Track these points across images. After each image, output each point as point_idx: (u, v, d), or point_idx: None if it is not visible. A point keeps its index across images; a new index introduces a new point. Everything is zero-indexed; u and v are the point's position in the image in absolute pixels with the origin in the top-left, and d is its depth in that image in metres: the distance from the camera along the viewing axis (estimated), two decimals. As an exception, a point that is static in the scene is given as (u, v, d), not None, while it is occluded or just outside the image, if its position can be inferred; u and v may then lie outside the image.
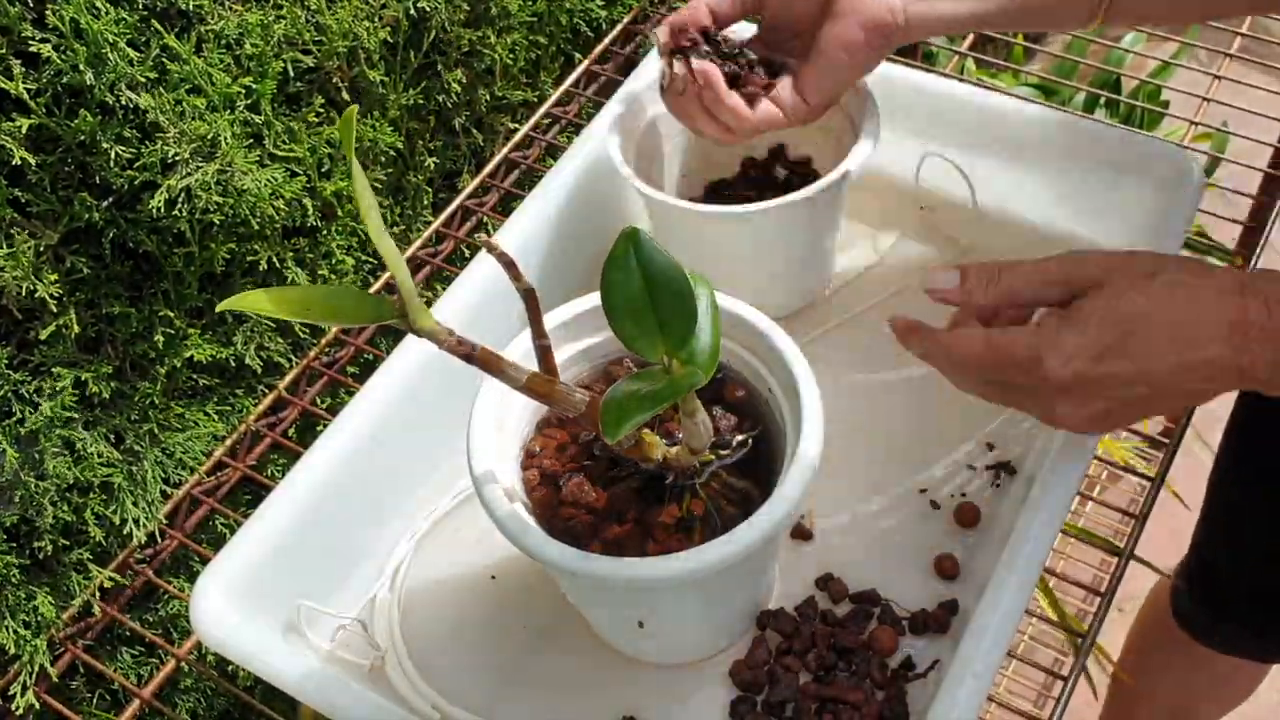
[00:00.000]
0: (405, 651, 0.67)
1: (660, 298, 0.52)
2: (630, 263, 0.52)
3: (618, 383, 0.51)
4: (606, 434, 0.48)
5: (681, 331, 0.52)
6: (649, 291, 0.52)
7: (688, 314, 0.52)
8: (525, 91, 1.02)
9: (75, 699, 0.77)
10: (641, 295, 0.52)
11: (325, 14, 0.79)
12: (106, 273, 0.72)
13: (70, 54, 0.64)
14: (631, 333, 0.52)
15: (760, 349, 0.63)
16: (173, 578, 0.81)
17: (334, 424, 0.70)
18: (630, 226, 0.52)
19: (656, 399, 0.50)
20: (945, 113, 0.82)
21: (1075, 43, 1.38)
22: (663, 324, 0.52)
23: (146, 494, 0.76)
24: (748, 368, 0.64)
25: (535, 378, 0.53)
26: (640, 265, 0.52)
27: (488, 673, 0.67)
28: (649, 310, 0.52)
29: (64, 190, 0.68)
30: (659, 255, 0.52)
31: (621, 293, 0.52)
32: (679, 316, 0.52)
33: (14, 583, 0.70)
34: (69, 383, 0.69)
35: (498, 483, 0.57)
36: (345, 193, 0.85)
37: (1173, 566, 0.98)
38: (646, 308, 0.52)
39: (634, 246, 0.52)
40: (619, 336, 0.52)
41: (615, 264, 0.52)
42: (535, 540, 0.55)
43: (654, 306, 0.52)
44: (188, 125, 0.70)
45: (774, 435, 0.62)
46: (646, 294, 0.52)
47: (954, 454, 0.72)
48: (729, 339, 0.63)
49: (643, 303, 0.52)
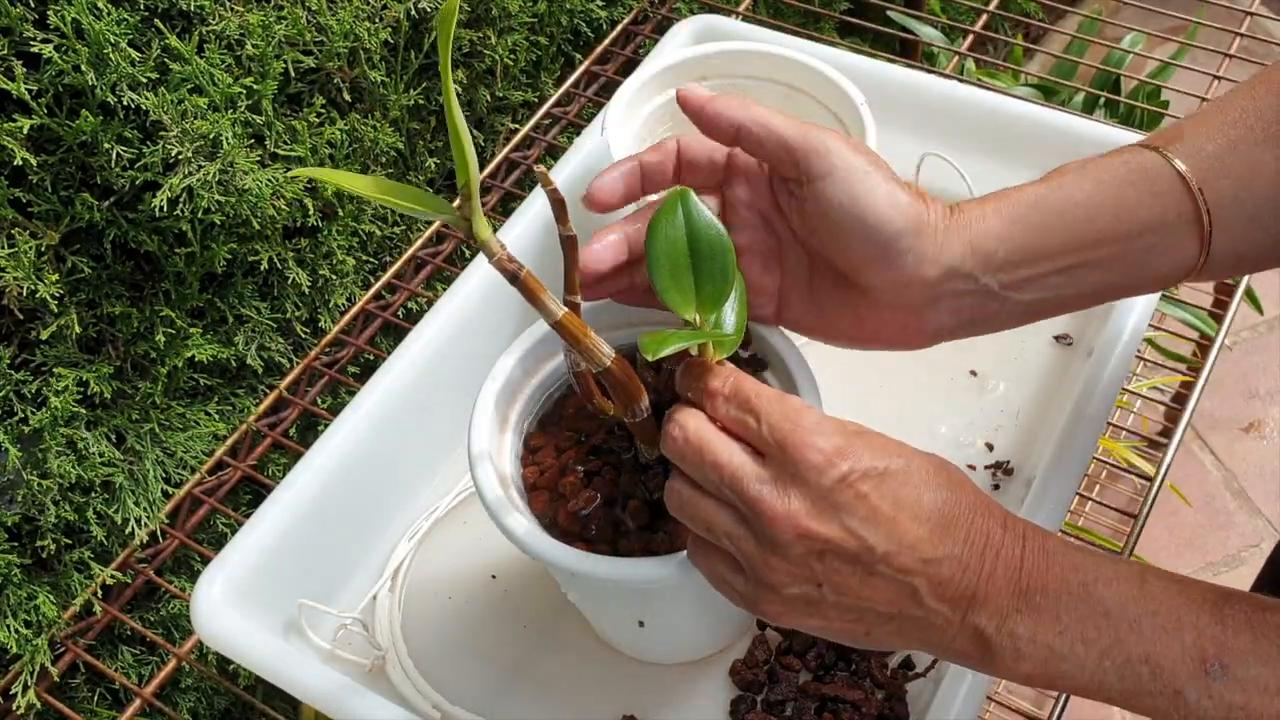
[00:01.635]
0: (405, 651, 0.67)
1: (700, 257, 0.52)
2: (678, 218, 0.52)
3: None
4: (646, 353, 0.48)
5: (716, 294, 0.52)
6: (691, 249, 0.52)
7: (725, 277, 0.52)
8: (526, 92, 1.02)
9: (76, 698, 0.77)
10: (684, 251, 0.52)
11: (326, 15, 0.80)
12: (108, 273, 0.72)
13: (72, 54, 0.64)
14: (667, 284, 0.52)
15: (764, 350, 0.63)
16: (174, 577, 0.81)
17: (335, 424, 0.70)
18: (682, 188, 0.53)
19: (696, 335, 0.51)
20: (944, 113, 0.82)
21: (1075, 43, 1.38)
22: (699, 283, 0.52)
23: (148, 493, 0.76)
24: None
25: (571, 317, 0.53)
26: (687, 222, 0.52)
27: (488, 672, 0.67)
28: (688, 267, 0.52)
29: (65, 190, 0.68)
30: (706, 217, 0.52)
31: (665, 243, 0.52)
32: (715, 279, 0.52)
33: (15, 582, 0.70)
34: (70, 383, 0.69)
35: (497, 480, 0.57)
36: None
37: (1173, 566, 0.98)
38: (685, 264, 0.52)
39: (684, 203, 0.52)
40: (655, 288, 0.52)
41: (664, 215, 0.52)
42: (536, 541, 0.55)
43: (693, 264, 0.52)
44: (189, 125, 0.70)
45: None
46: (688, 251, 0.52)
47: (953, 454, 0.72)
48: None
49: (683, 258, 0.52)
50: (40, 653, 0.72)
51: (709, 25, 0.90)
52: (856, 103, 0.75)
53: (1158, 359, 1.15)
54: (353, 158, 0.85)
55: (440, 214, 0.49)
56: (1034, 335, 0.78)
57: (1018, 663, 0.45)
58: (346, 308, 0.88)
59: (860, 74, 0.85)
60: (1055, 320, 0.78)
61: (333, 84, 0.83)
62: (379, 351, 0.85)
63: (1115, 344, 0.69)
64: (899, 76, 0.84)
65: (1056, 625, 0.44)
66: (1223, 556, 1.49)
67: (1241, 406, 1.66)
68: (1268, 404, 1.66)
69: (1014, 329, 0.56)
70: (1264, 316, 1.73)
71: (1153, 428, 1.39)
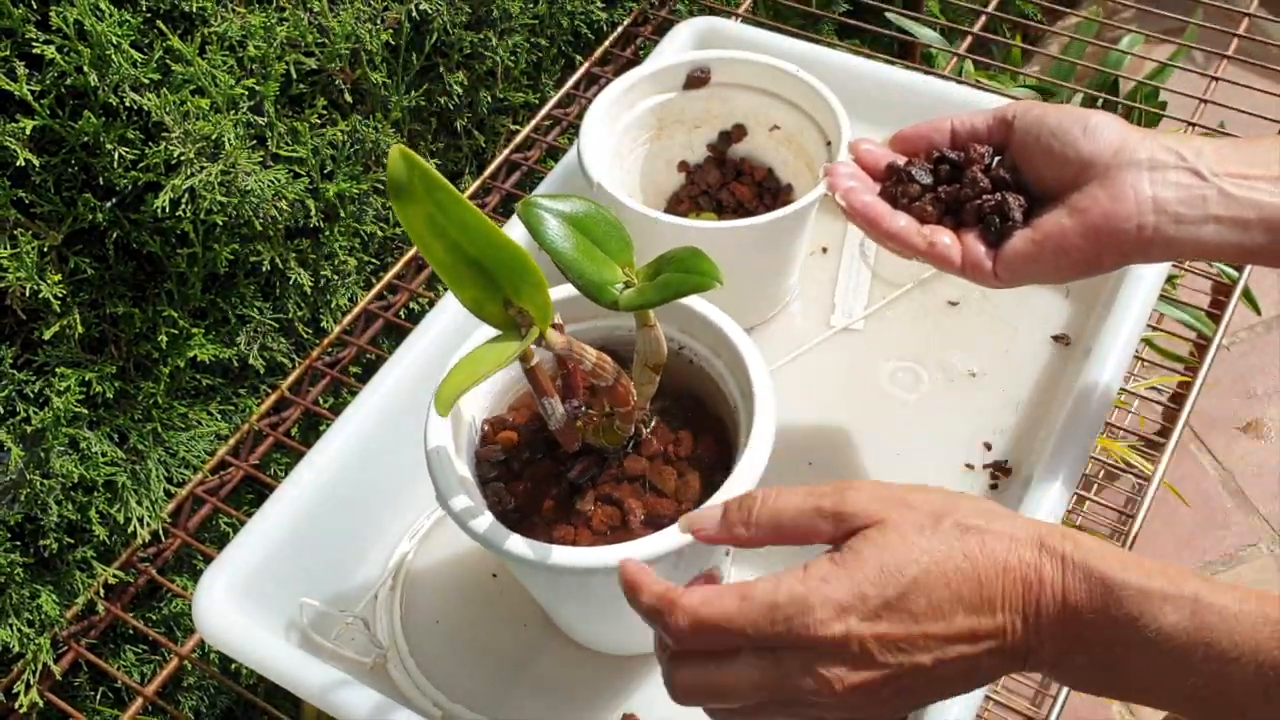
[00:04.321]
0: (407, 649, 0.68)
1: (595, 234, 0.54)
2: (550, 221, 0.54)
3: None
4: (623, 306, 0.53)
5: (626, 254, 0.54)
6: (582, 233, 0.54)
7: (625, 239, 0.54)
8: (526, 94, 1.02)
9: (78, 697, 0.78)
10: (579, 237, 0.54)
11: (328, 16, 0.80)
12: (110, 273, 0.72)
13: (74, 55, 0.65)
14: (583, 263, 0.53)
15: (727, 355, 0.63)
16: (176, 576, 0.81)
17: (336, 423, 0.70)
18: (523, 200, 0.54)
19: (667, 287, 0.52)
20: (943, 114, 0.82)
21: (1073, 44, 1.39)
22: (609, 253, 0.54)
23: (150, 493, 0.76)
24: (720, 379, 0.64)
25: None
26: (562, 219, 0.54)
27: (489, 671, 0.67)
28: (591, 245, 0.54)
29: (68, 191, 0.69)
30: (578, 207, 0.54)
31: (560, 242, 0.53)
32: (617, 241, 0.54)
33: (18, 581, 0.71)
34: (73, 383, 0.69)
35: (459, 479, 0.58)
36: (348, 194, 0.85)
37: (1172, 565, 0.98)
38: (588, 244, 0.54)
39: (536, 208, 0.54)
40: (577, 281, 0.53)
41: (541, 226, 0.53)
42: (495, 535, 0.55)
43: (596, 242, 0.54)
44: (191, 126, 0.70)
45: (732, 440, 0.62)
46: (582, 236, 0.54)
47: (952, 454, 0.72)
48: (699, 342, 0.64)
49: (583, 242, 0.54)
50: (43, 651, 0.72)
51: (709, 27, 0.90)
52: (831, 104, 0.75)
53: (1156, 359, 1.15)
54: (354, 159, 0.86)
55: (520, 348, 0.50)
56: (1032, 335, 0.78)
57: (1079, 686, 0.45)
58: (348, 308, 0.88)
59: (855, 75, 0.85)
60: (1054, 320, 0.78)
61: (334, 85, 0.84)
62: (381, 351, 0.85)
63: (1113, 344, 0.70)
64: (896, 77, 0.84)
65: (1107, 657, 0.43)
66: (1220, 556, 1.49)
67: (1239, 406, 1.66)
68: (1265, 404, 1.66)
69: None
70: (1261, 317, 1.73)
71: (1150, 427, 1.39)
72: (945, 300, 0.80)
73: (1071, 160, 0.57)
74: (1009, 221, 0.59)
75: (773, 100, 0.79)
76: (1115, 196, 0.55)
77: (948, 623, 0.44)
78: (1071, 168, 0.58)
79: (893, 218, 0.61)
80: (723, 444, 0.63)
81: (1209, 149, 0.56)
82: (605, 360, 0.55)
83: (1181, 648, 0.42)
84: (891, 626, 0.44)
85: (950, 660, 0.44)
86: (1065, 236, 0.57)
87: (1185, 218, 0.55)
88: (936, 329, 0.79)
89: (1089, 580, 0.43)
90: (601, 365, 0.55)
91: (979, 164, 0.62)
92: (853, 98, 0.78)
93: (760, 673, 0.45)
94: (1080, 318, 0.78)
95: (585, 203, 0.55)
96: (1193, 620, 0.42)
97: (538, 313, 0.50)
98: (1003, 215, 0.60)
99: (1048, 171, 0.59)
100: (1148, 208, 0.55)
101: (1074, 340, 0.77)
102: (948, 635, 0.44)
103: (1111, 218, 0.56)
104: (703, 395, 0.65)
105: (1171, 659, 0.42)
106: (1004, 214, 0.60)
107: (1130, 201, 0.55)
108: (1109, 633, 0.43)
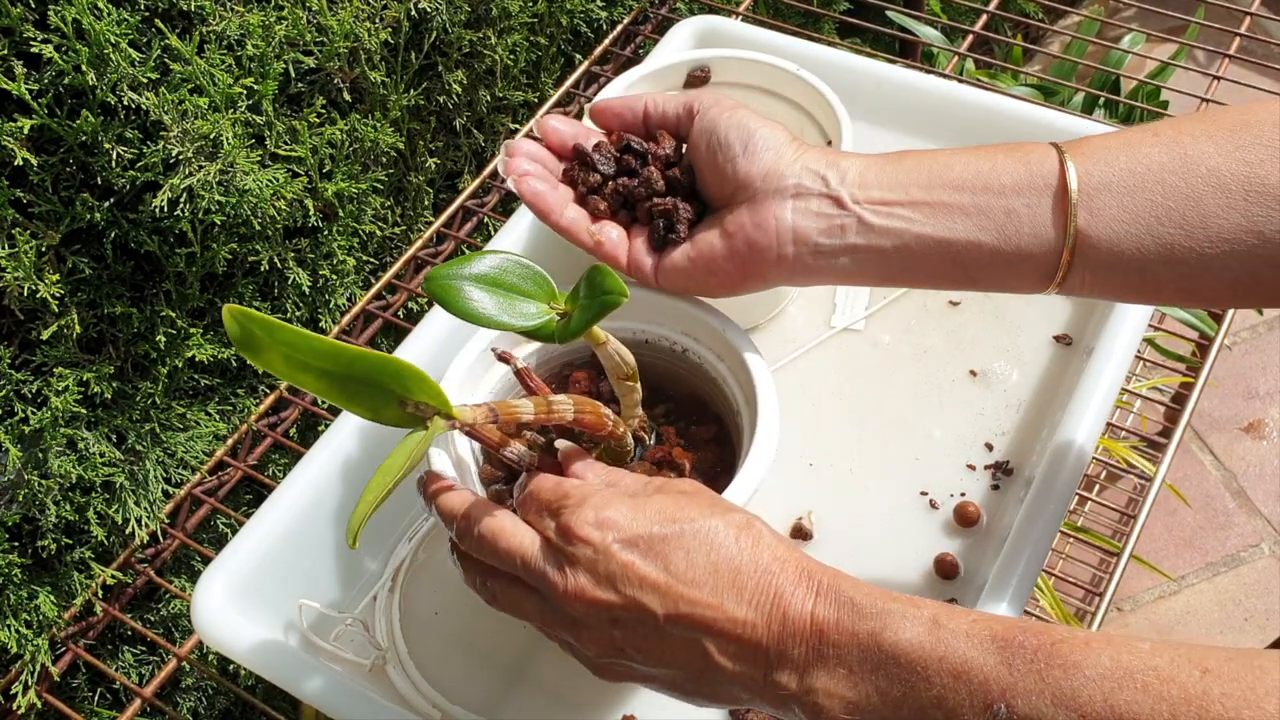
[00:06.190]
0: (405, 651, 0.67)
1: (506, 284, 0.54)
2: (455, 288, 0.53)
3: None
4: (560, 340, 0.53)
5: (547, 290, 0.54)
6: (495, 286, 0.54)
7: (541, 278, 0.54)
8: (526, 92, 1.02)
9: (76, 698, 0.77)
10: (492, 291, 0.54)
11: (326, 15, 0.80)
12: (108, 273, 0.72)
13: (72, 54, 0.64)
14: (505, 319, 0.53)
15: (731, 361, 0.63)
16: (174, 577, 0.81)
17: (335, 424, 0.70)
18: (426, 275, 0.54)
19: (586, 311, 0.52)
20: (943, 113, 0.82)
21: (1075, 43, 1.39)
22: (530, 295, 0.54)
23: (148, 493, 0.76)
24: (723, 382, 0.64)
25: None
26: (470, 281, 0.54)
27: (488, 672, 0.67)
28: (508, 294, 0.54)
29: (66, 191, 0.68)
30: (482, 263, 0.54)
31: (471, 304, 0.53)
32: (533, 281, 0.54)
33: (16, 582, 0.70)
34: (71, 383, 0.69)
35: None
36: (346, 193, 0.85)
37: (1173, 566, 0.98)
38: (504, 294, 0.54)
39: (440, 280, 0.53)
40: (509, 330, 0.54)
41: (447, 296, 0.53)
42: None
43: (511, 289, 0.54)
44: (189, 125, 0.70)
45: (736, 444, 0.62)
46: (494, 288, 0.54)
47: (954, 454, 0.72)
48: (702, 345, 0.64)
49: (498, 294, 0.54)
50: (41, 652, 0.72)
51: (709, 26, 0.90)
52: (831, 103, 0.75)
53: (1157, 359, 1.15)
54: (353, 158, 0.86)
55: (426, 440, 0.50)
56: (1034, 335, 0.78)
57: (818, 716, 0.45)
58: (347, 308, 0.88)
59: (856, 73, 0.85)
60: (1055, 320, 0.78)
61: (333, 84, 0.83)
62: (380, 352, 0.85)
63: (1115, 344, 0.69)
64: (897, 75, 0.84)
65: (850, 678, 0.44)
66: (1222, 556, 1.49)
67: (1241, 407, 1.66)
68: (1267, 404, 1.66)
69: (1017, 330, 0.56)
70: (1263, 317, 1.73)
71: (1152, 428, 1.39)
72: (946, 300, 0.80)
73: (729, 178, 0.57)
74: (673, 233, 0.59)
75: (773, 99, 0.79)
76: (759, 224, 0.55)
77: (695, 588, 0.46)
78: (729, 185, 0.57)
79: (562, 211, 0.60)
80: (724, 445, 0.62)
81: (855, 171, 0.55)
82: (544, 402, 0.54)
83: (920, 664, 0.43)
84: (641, 561, 0.46)
85: (681, 619, 0.46)
86: (714, 259, 0.57)
87: (824, 249, 0.55)
88: (938, 329, 0.79)
89: (838, 602, 0.45)
90: (544, 415, 0.54)
91: (658, 164, 0.61)
92: (853, 97, 0.77)
93: (528, 543, 0.49)
94: (1082, 318, 0.78)
95: (494, 255, 0.54)
96: (932, 634, 0.44)
97: (435, 400, 0.50)
98: (669, 225, 0.59)
99: (712, 180, 0.59)
100: (787, 239, 0.55)
101: (1076, 340, 0.77)
102: (690, 598, 0.46)
103: (754, 247, 0.56)
104: (705, 396, 0.65)
105: (909, 679, 0.44)
106: (670, 224, 0.59)
107: (771, 232, 0.55)
108: (853, 650, 0.44)
